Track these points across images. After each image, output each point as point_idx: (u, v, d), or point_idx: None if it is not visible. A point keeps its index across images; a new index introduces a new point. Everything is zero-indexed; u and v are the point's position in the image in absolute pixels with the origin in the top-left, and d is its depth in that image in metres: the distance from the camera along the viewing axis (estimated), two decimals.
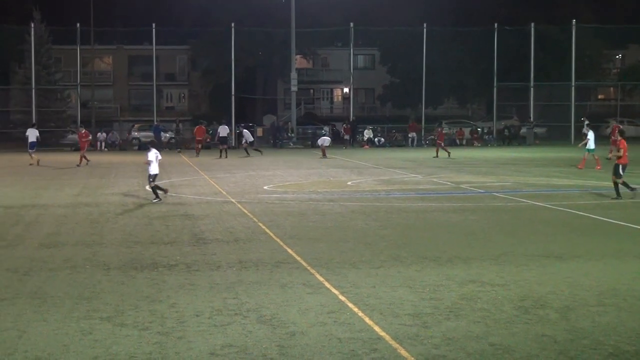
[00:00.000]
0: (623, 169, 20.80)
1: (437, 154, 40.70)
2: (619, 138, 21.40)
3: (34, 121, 50.38)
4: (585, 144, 32.12)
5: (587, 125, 36.52)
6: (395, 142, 58.81)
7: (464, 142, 59.13)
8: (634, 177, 27.62)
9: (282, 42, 62.20)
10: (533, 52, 59.97)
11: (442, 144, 42.03)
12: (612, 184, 21.11)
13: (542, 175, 29.11)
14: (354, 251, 13.25)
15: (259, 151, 44.36)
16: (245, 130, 45.81)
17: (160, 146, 52.52)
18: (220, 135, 44.28)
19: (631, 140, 62.11)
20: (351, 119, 59.78)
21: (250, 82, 68.90)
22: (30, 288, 10.56)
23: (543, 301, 9.71)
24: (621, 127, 38.36)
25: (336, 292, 10.22)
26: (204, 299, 9.87)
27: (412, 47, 62.10)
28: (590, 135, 31.98)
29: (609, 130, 42.46)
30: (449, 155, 40.24)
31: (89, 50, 59.38)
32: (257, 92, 69.19)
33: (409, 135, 57.71)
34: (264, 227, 16.01)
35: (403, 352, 7.70)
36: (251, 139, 45.21)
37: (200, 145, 45.49)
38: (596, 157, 31.52)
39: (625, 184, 20.74)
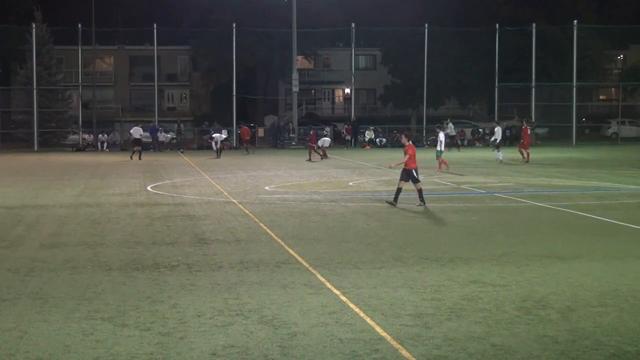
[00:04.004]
0: (416, 173, 19.54)
1: (309, 157, 39.92)
2: (407, 143, 19.96)
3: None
4: (439, 145, 31.86)
5: (437, 126, 36.64)
6: (397, 142, 58.80)
7: (465, 142, 59.14)
8: (634, 178, 27.61)
9: (283, 42, 62.23)
10: (534, 53, 59.95)
11: (315, 147, 41.01)
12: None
13: (543, 175, 29.11)
14: (355, 252, 13.24)
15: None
16: (135, 127, 44.94)
17: (157, 146, 52.67)
18: (134, 137, 43.64)
19: (633, 140, 62.26)
20: (352, 120, 59.80)
21: (252, 83, 68.96)
22: (32, 289, 10.56)
23: (544, 302, 9.71)
24: (528, 128, 38.60)
25: (337, 292, 10.21)
26: (205, 300, 9.87)
27: (413, 48, 62.14)
28: (441, 137, 31.86)
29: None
30: (311, 159, 39.24)
31: (90, 50, 59.44)
32: (259, 92, 69.22)
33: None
34: (265, 227, 16.01)
35: (404, 353, 7.70)
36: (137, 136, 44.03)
37: (247, 144, 49.05)
38: (441, 160, 31.30)
39: (398, 191, 19.52)
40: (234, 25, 58.26)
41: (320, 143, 44.31)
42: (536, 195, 22.02)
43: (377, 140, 58.08)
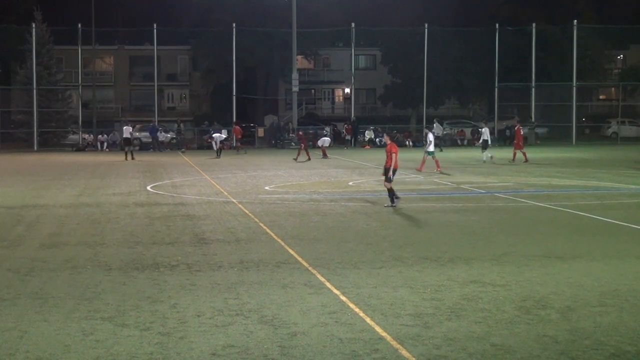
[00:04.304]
0: (393, 173, 19.31)
1: (308, 156, 39.14)
2: (389, 142, 19.67)
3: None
4: (428, 146, 31.73)
5: (427, 127, 36.64)
6: (396, 142, 58.83)
7: (465, 142, 59.15)
8: (634, 178, 27.61)
9: (283, 42, 62.23)
10: (534, 52, 59.96)
11: (304, 146, 40.09)
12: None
13: (543, 175, 29.11)
14: (355, 251, 13.24)
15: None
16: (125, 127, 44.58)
17: (157, 146, 52.72)
18: (124, 136, 42.81)
19: (633, 140, 62.27)
20: (352, 119, 59.80)
21: (252, 82, 68.94)
22: (32, 288, 10.56)
23: (544, 301, 9.71)
24: (521, 129, 38.68)
25: (337, 292, 10.21)
26: (205, 300, 9.87)
27: (413, 47, 62.15)
28: (431, 137, 31.82)
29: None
30: (296, 160, 38.62)
31: (90, 50, 59.43)
32: (258, 92, 69.20)
33: (407, 141, 58.02)
34: (265, 227, 16.01)
35: (404, 353, 7.70)
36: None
37: (239, 143, 49.14)
38: (435, 159, 31.14)
39: (391, 191, 19.28)
40: (234, 25, 58.25)
41: (320, 143, 44.32)
42: (536, 195, 22.02)
43: (377, 140, 58.06)
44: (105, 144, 55.70)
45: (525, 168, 33.03)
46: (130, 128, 43.64)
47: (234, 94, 58.57)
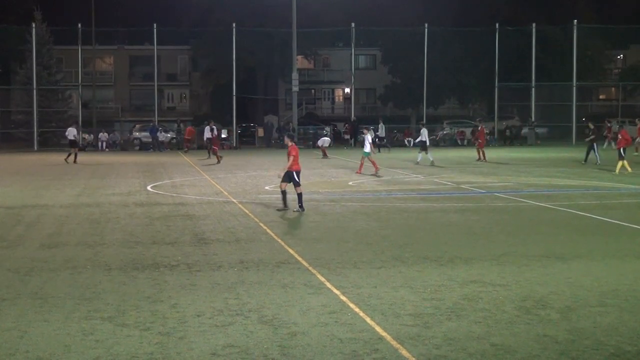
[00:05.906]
0: (297, 176, 18.76)
1: (218, 160, 38.03)
2: (290, 144, 19.03)
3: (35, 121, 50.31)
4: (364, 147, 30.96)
5: (365, 128, 36.39)
6: (396, 142, 58.83)
7: (465, 142, 59.13)
8: (634, 178, 27.60)
9: (283, 42, 62.23)
10: (534, 52, 59.98)
11: (216, 150, 39.48)
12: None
13: (543, 175, 29.11)
14: (355, 251, 13.24)
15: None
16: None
17: (157, 146, 52.79)
18: (69, 138, 40.67)
19: (634, 140, 62.17)
20: (352, 119, 59.80)
21: (252, 82, 68.91)
22: (32, 288, 10.56)
23: (544, 301, 9.71)
24: (485, 129, 38.57)
25: (337, 292, 10.21)
26: (205, 299, 9.87)
27: (413, 47, 62.15)
28: (368, 138, 31.41)
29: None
30: (217, 161, 37.59)
31: (90, 50, 59.41)
32: (258, 92, 69.18)
33: (406, 140, 57.94)
34: (265, 227, 16.01)
35: (404, 353, 7.70)
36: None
37: (188, 144, 49.26)
38: (372, 160, 30.54)
39: (284, 195, 18.86)
40: (234, 25, 58.24)
41: (320, 143, 44.33)
42: (536, 195, 22.02)
43: (377, 140, 58.01)
44: (105, 144, 55.70)
45: (525, 168, 33.01)
46: (75, 130, 41.71)
47: (234, 94, 58.57)
